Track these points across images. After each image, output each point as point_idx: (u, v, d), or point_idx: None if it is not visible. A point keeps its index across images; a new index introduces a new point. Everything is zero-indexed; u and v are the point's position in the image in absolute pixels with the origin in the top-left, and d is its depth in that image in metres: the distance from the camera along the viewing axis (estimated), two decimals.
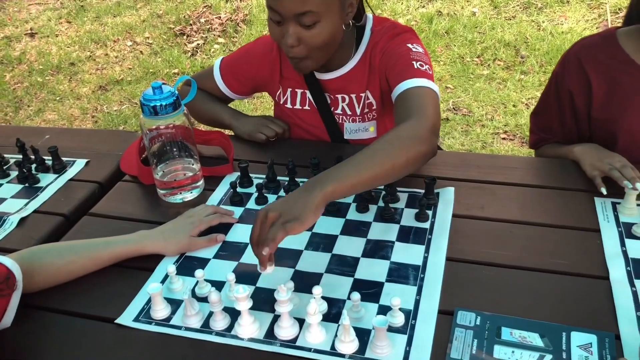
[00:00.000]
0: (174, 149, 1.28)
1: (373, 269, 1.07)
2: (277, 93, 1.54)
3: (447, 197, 1.24)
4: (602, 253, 1.07)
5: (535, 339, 0.91)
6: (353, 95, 1.45)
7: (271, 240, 0.93)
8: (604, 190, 1.19)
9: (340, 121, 1.50)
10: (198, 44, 4.37)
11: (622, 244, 1.08)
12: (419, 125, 1.14)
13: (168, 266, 1.05)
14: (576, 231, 1.13)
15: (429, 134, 1.13)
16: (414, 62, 1.29)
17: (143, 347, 0.96)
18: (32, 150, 1.45)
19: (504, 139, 3.11)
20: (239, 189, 1.30)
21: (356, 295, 0.94)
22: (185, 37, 4.49)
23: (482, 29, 4.14)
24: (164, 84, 1.19)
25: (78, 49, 4.45)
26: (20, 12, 5.23)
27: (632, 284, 0.99)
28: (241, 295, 0.92)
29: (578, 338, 0.90)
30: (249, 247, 1.02)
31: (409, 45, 1.34)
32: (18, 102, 3.86)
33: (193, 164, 1.31)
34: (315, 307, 0.91)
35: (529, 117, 1.58)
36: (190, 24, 4.63)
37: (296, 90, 1.51)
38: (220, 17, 4.61)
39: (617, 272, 1.02)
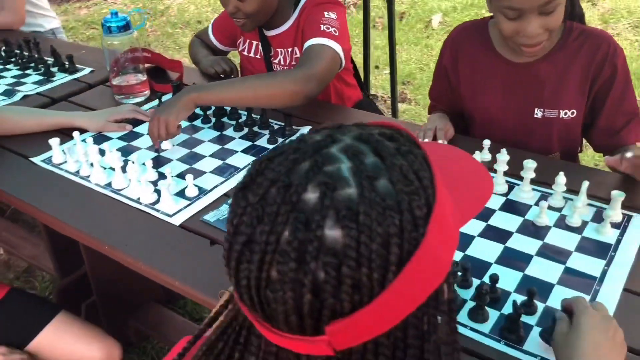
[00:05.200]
0: (130, 66, 1.74)
1: (211, 165, 1.43)
2: (239, 41, 1.93)
3: (302, 132, 1.55)
4: None
5: None
6: (288, 50, 1.80)
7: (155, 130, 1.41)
8: None
9: (275, 69, 1.86)
10: None
11: None
12: (300, 71, 1.48)
13: (77, 134, 1.51)
14: None
15: (306, 78, 1.47)
16: (322, 25, 1.61)
17: (45, 180, 1.41)
18: (56, 55, 2.00)
19: None
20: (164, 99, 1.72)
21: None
22: None
23: None
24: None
25: (210, 11, 5.15)
26: None
27: None
28: (91, 148, 1.35)
29: None
30: (144, 136, 1.55)
31: (325, 12, 1.66)
32: (146, 46, 4.63)
33: (140, 77, 1.76)
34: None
35: None
36: None
37: (252, 41, 1.89)
38: None
39: None
